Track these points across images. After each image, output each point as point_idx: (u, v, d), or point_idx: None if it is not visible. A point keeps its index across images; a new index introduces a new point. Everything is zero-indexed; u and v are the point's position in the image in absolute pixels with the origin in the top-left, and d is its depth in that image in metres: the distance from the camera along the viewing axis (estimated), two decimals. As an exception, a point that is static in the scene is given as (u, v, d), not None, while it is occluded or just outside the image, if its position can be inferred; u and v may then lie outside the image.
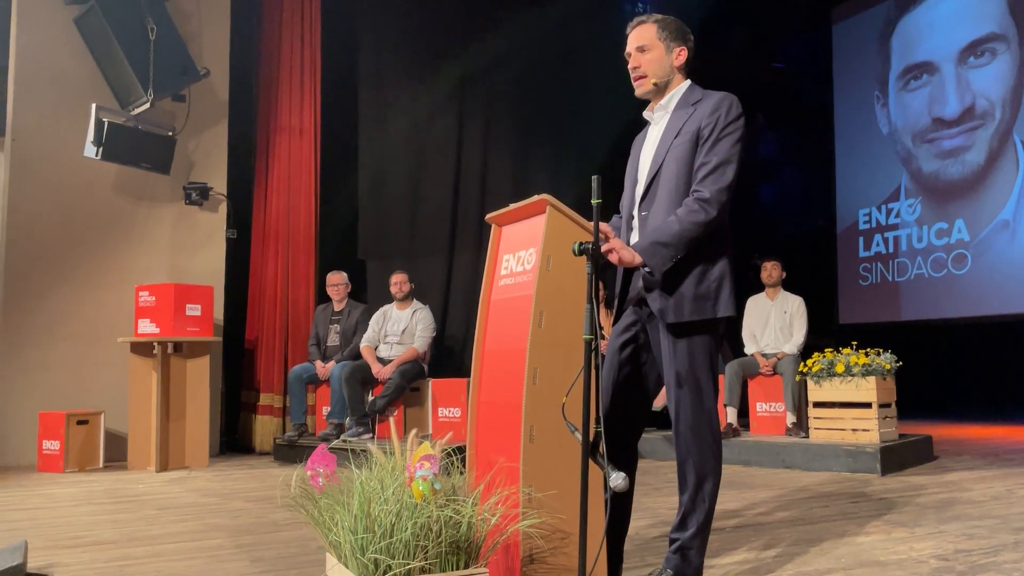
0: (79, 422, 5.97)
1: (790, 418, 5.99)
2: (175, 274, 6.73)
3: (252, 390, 7.13)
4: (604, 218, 2.30)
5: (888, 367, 5.46)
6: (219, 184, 7.04)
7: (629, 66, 2.62)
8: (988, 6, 8.51)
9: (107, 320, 6.48)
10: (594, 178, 2.11)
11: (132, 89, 6.33)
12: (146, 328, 6.05)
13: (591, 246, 2.13)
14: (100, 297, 6.52)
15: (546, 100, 8.42)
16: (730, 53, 10.13)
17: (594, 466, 2.10)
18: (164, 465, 5.92)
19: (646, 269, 2.41)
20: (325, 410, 6.41)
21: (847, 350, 5.60)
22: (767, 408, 6.27)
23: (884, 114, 9.70)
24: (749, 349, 6.42)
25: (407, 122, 7.92)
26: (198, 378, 6.18)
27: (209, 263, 6.97)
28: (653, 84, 2.59)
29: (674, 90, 2.61)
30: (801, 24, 10.71)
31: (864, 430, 5.40)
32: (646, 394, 2.68)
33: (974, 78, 8.63)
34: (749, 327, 6.47)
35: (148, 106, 6.28)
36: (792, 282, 6.57)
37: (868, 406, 5.41)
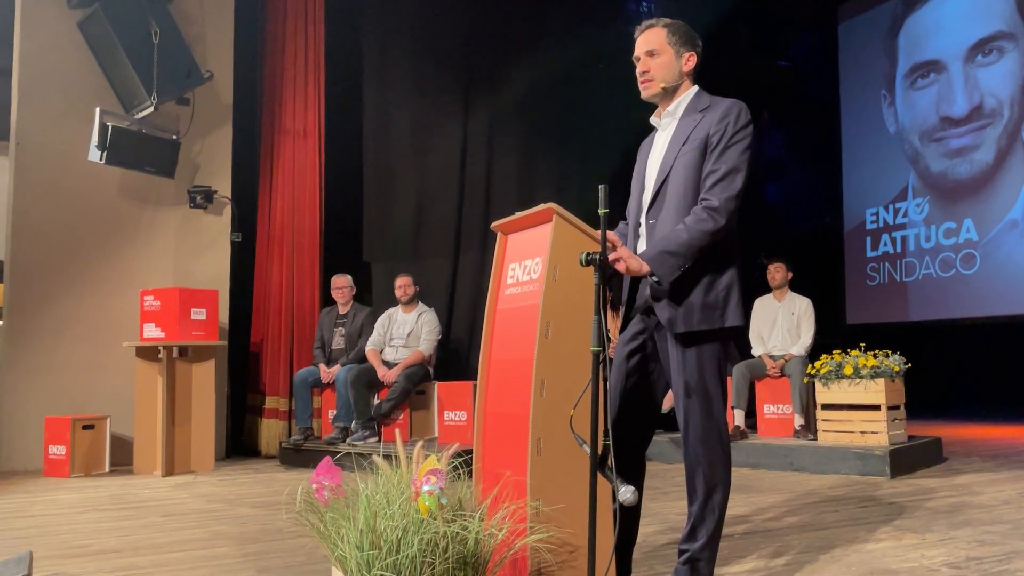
0: (85, 427, 5.97)
1: (798, 420, 5.96)
2: (180, 278, 6.72)
3: (258, 393, 7.12)
4: (611, 225, 2.27)
5: (897, 369, 5.42)
6: (223, 187, 7.03)
7: (637, 70, 2.58)
8: (996, 4, 8.45)
9: (112, 324, 6.47)
10: (601, 187, 2.08)
11: (136, 93, 6.31)
12: (151, 332, 6.04)
13: (599, 257, 2.10)
14: (105, 301, 6.51)
15: (552, 103, 8.37)
16: (736, 52, 10.09)
17: (602, 478, 2.07)
18: (170, 469, 5.91)
19: (654, 278, 2.38)
20: (331, 414, 6.40)
21: (855, 352, 5.56)
22: (775, 410, 6.23)
23: (891, 113, 9.64)
24: (756, 351, 6.39)
25: (411, 124, 7.89)
26: (204, 382, 6.17)
27: (214, 267, 6.96)
28: (661, 88, 2.56)
29: (682, 96, 2.58)
30: (807, 23, 10.65)
31: (873, 432, 5.36)
32: (654, 403, 2.65)
33: (982, 76, 8.57)
34: (756, 328, 6.43)
35: (152, 110, 6.27)
36: (799, 282, 6.53)
37: (877, 408, 5.38)
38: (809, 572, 2.94)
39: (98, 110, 6.18)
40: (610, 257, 2.23)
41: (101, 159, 6.18)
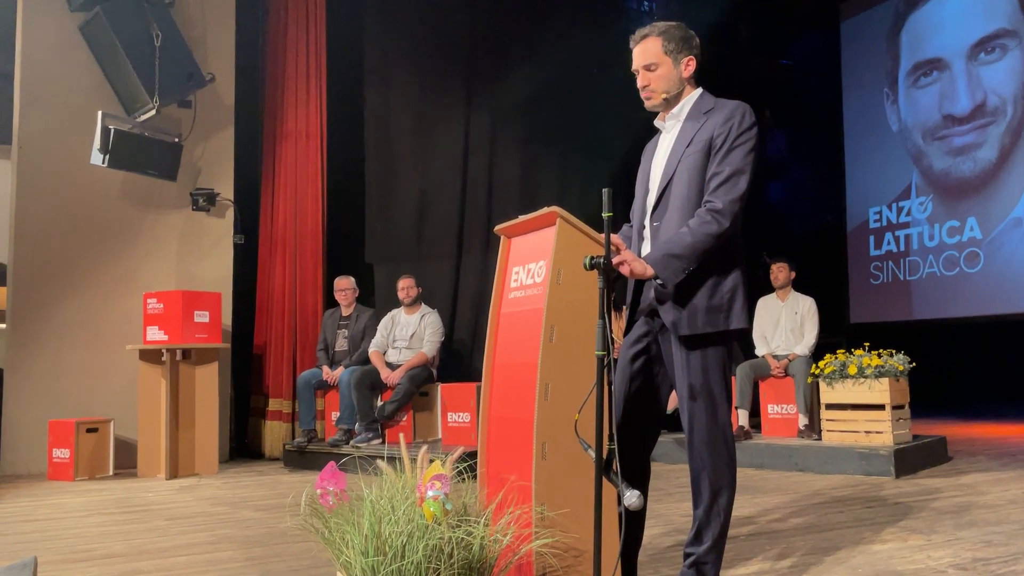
0: (89, 430, 5.97)
1: (802, 420, 5.94)
2: (183, 281, 6.72)
3: (261, 395, 7.12)
4: (615, 228, 2.26)
5: (901, 368, 5.40)
6: (226, 190, 7.03)
7: (638, 84, 2.56)
8: (998, 2, 8.43)
9: (116, 327, 6.47)
10: (605, 191, 2.07)
11: (138, 96, 6.32)
12: (154, 335, 6.04)
13: (603, 261, 2.09)
14: (108, 305, 6.52)
15: (554, 103, 8.36)
16: (738, 51, 10.08)
17: (607, 482, 2.07)
18: (174, 472, 5.91)
19: (658, 281, 2.38)
20: (334, 415, 6.40)
21: (859, 351, 5.54)
22: (779, 410, 6.22)
23: (894, 111, 9.62)
24: (760, 351, 6.38)
25: (414, 125, 7.88)
26: (207, 385, 6.17)
27: (217, 269, 6.96)
28: (663, 99, 2.54)
29: (686, 99, 2.57)
30: (809, 21, 10.63)
31: (877, 432, 5.35)
32: (658, 405, 2.64)
33: (985, 74, 8.55)
34: (760, 328, 6.42)
35: (154, 113, 6.27)
36: (802, 281, 6.52)
37: (881, 408, 5.36)
38: (815, 574, 2.93)
39: (100, 113, 6.18)
40: (614, 260, 2.22)
41: (103, 162, 6.18)
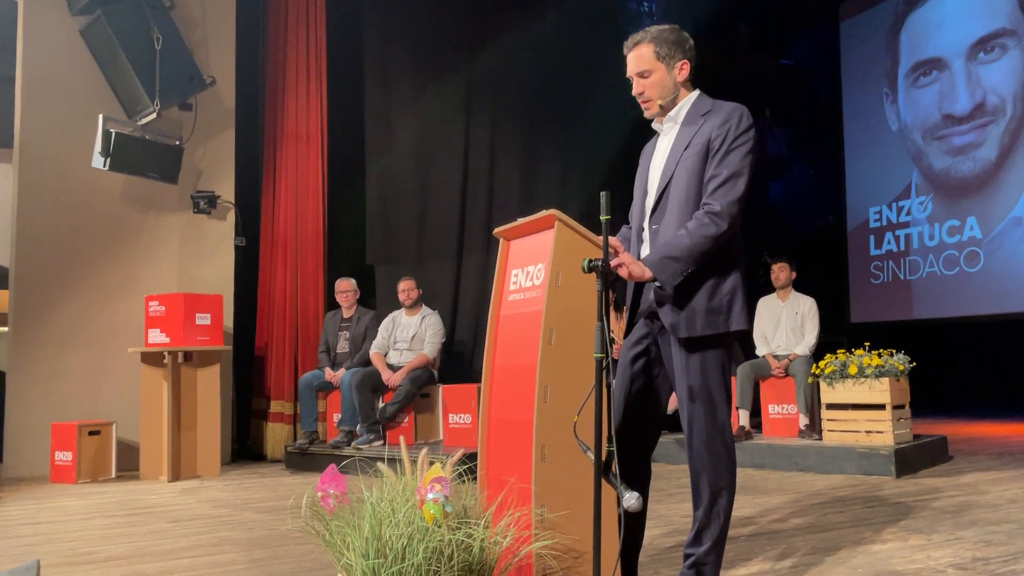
0: (91, 432, 5.98)
1: (803, 420, 5.95)
2: (184, 283, 6.74)
3: (263, 397, 7.14)
4: (613, 231, 2.27)
5: (902, 368, 5.41)
6: (227, 192, 7.05)
7: (633, 91, 2.57)
8: (997, 1, 8.44)
9: (117, 330, 6.49)
10: (603, 194, 2.08)
11: (139, 99, 6.33)
12: (156, 338, 6.06)
13: (601, 263, 2.10)
14: (110, 307, 6.53)
15: (555, 105, 8.37)
16: (737, 50, 10.09)
17: (607, 484, 2.08)
18: (176, 474, 5.93)
19: (656, 284, 2.39)
20: (335, 417, 6.41)
21: (860, 351, 5.55)
22: (779, 410, 6.23)
23: (893, 111, 9.62)
24: (761, 351, 6.38)
25: (414, 127, 7.89)
26: (209, 387, 6.18)
27: (218, 271, 6.98)
28: (659, 106, 2.56)
29: (683, 101, 2.58)
30: (809, 21, 10.65)
31: (878, 432, 5.35)
32: (658, 407, 2.65)
33: (984, 74, 8.55)
34: (760, 328, 6.42)
35: (155, 116, 6.28)
36: (803, 281, 6.52)
37: (882, 408, 5.36)
38: (815, 575, 2.94)
39: (101, 116, 6.20)
40: (612, 263, 2.23)
41: (104, 165, 6.20)
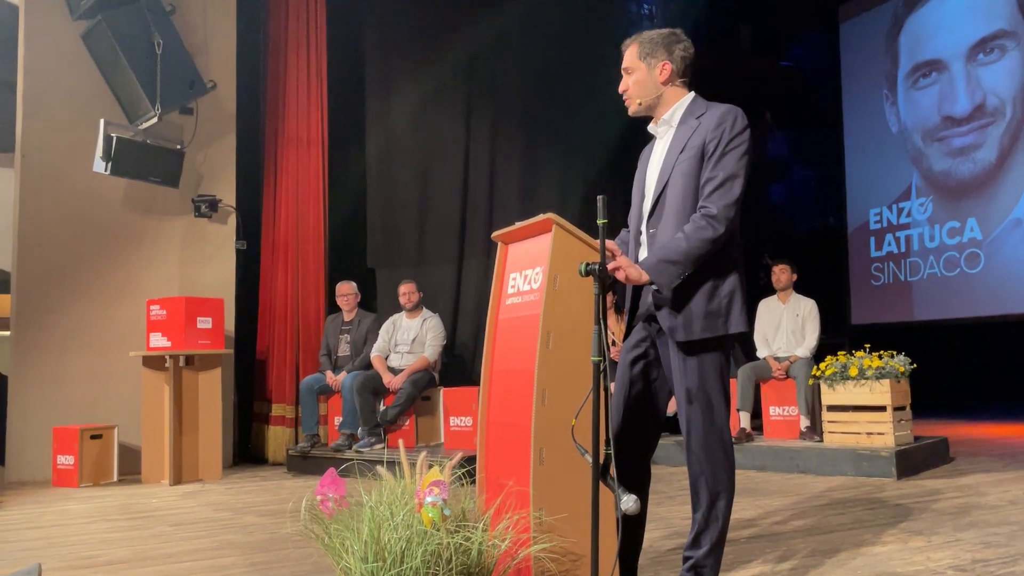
0: (93, 436, 5.99)
1: (803, 422, 5.95)
2: (186, 287, 6.75)
3: (264, 401, 7.14)
4: (611, 234, 2.28)
5: (902, 370, 5.41)
6: (228, 196, 7.06)
7: (620, 88, 2.65)
8: (997, 3, 8.45)
9: (119, 334, 6.50)
10: (599, 198, 2.09)
11: (140, 103, 6.34)
12: (158, 342, 6.07)
13: (598, 267, 2.11)
14: (112, 311, 6.54)
15: (555, 107, 8.39)
16: (738, 52, 10.10)
17: (605, 487, 2.08)
18: (178, 478, 5.94)
19: (654, 287, 2.39)
20: (337, 420, 6.42)
21: (860, 353, 5.55)
22: (780, 412, 6.23)
23: (893, 113, 9.63)
24: (761, 353, 6.38)
25: (414, 131, 7.90)
26: (210, 390, 6.19)
27: (219, 275, 6.99)
28: (638, 104, 2.61)
29: (676, 104, 2.59)
30: (809, 23, 10.66)
31: (879, 434, 5.36)
32: (658, 409, 2.66)
33: (984, 75, 8.56)
34: (761, 330, 6.42)
35: (156, 120, 6.29)
36: (803, 282, 6.52)
37: (883, 409, 5.37)
38: (814, 576, 2.94)
39: (102, 121, 6.21)
40: (609, 267, 2.24)
41: (106, 170, 6.21)
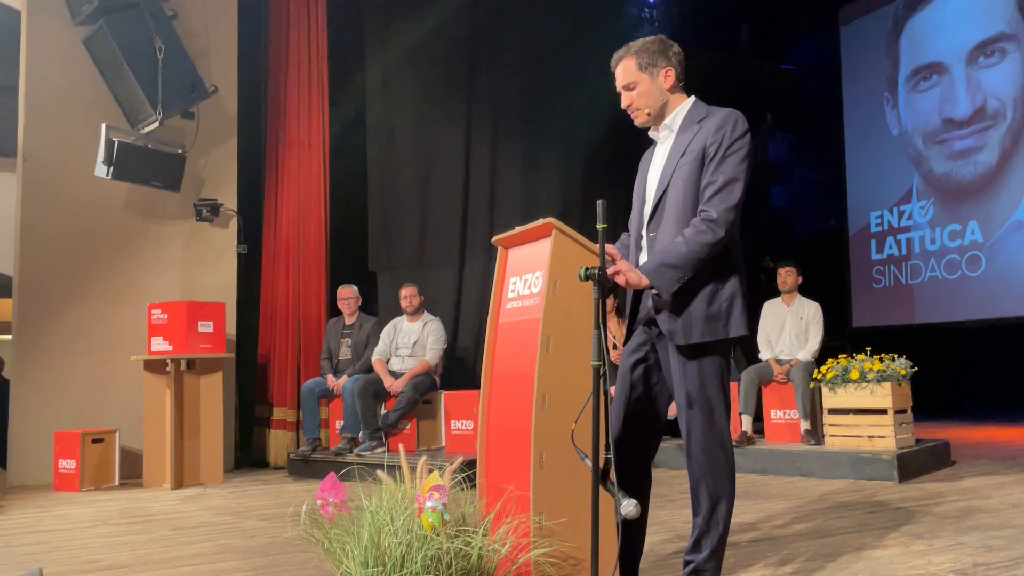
0: (94, 440, 6.00)
1: (804, 425, 5.94)
2: (187, 291, 6.76)
3: (266, 404, 7.15)
4: (611, 239, 2.28)
5: (903, 373, 5.41)
6: (229, 200, 7.07)
7: (622, 105, 2.62)
8: (997, 5, 8.45)
9: (120, 338, 6.51)
10: (599, 203, 2.10)
11: (141, 108, 6.36)
12: (159, 346, 6.08)
13: (597, 271, 2.11)
14: (113, 315, 6.55)
15: (556, 112, 8.39)
16: (738, 55, 10.11)
17: (605, 491, 2.08)
18: (179, 482, 5.94)
19: (654, 291, 2.40)
20: (338, 424, 6.42)
21: (861, 356, 5.54)
22: (782, 415, 6.22)
23: (894, 115, 9.63)
24: (764, 355, 6.37)
25: (415, 134, 7.92)
26: (211, 394, 6.20)
27: (221, 279, 6.99)
28: (647, 115, 2.60)
29: (677, 108, 2.59)
30: (809, 26, 10.67)
31: (880, 437, 5.35)
32: (659, 413, 2.66)
33: (984, 78, 8.56)
34: (765, 332, 6.41)
35: (157, 124, 6.31)
36: (804, 285, 6.52)
37: (884, 412, 5.37)
38: (815, 580, 2.94)
39: (104, 126, 6.22)
40: (609, 271, 2.24)
41: (107, 174, 6.22)
